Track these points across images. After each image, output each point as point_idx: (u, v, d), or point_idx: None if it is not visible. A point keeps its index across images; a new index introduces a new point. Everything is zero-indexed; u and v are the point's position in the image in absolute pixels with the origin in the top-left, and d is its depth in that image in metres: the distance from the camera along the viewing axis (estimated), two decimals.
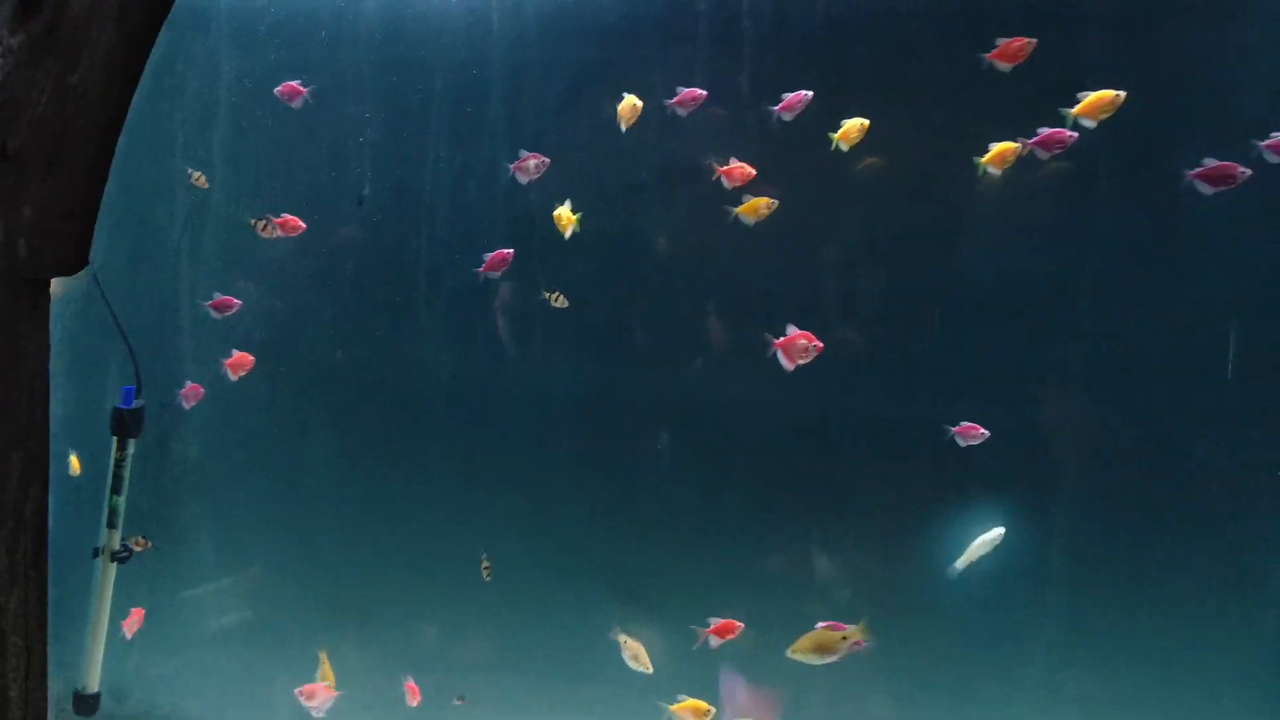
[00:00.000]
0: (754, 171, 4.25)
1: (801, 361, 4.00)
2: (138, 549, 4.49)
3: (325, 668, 4.37)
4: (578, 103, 4.72)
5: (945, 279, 4.44)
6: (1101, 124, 3.86)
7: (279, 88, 4.69)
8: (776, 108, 4.24)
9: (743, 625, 4.17)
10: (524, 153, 4.45)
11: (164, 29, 1.95)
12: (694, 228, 4.63)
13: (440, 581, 4.85)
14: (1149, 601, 4.27)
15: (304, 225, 4.56)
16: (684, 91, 4.25)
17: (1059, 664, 4.36)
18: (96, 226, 1.97)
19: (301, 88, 4.69)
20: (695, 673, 4.38)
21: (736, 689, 4.44)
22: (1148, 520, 4.28)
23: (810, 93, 4.16)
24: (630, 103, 4.31)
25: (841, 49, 4.45)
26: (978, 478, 4.38)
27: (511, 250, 4.45)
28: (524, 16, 4.73)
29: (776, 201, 4.19)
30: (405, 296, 4.88)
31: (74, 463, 4.78)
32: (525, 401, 4.84)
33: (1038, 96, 4.07)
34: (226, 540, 5.08)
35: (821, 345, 4.00)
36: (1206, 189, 3.71)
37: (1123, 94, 3.74)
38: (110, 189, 1.93)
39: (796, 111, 4.18)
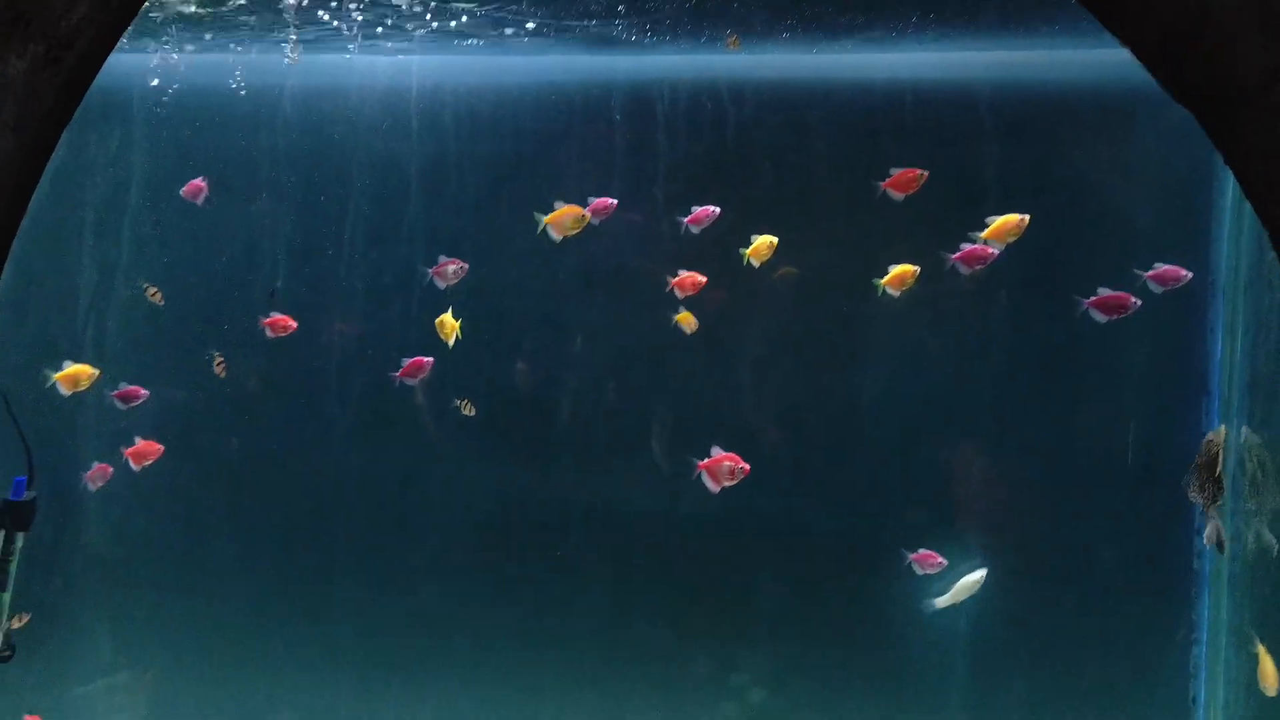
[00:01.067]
0: (704, 279, 4.28)
1: (728, 484, 3.98)
2: (16, 625, 4.30)
3: None
4: (497, 201, 4.77)
5: (849, 388, 4.55)
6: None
7: (185, 188, 4.66)
8: (686, 219, 4.33)
9: None
10: (443, 258, 4.45)
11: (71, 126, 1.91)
12: (614, 329, 4.68)
13: (344, 687, 4.74)
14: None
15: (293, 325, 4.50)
16: (596, 201, 4.30)
17: None
18: None
19: (202, 183, 4.65)
20: None
21: None
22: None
23: (717, 209, 4.26)
24: (568, 212, 4.28)
25: (749, 166, 4.58)
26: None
27: (430, 359, 4.41)
28: (442, 115, 4.79)
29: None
30: (316, 393, 4.83)
31: None
32: (436, 503, 4.80)
33: (941, 214, 4.23)
34: (123, 635, 4.91)
35: (749, 467, 3.96)
36: (1100, 317, 3.83)
37: (1027, 217, 3.88)
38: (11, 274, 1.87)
39: (704, 225, 4.27)
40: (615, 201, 4.26)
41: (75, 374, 4.50)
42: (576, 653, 4.60)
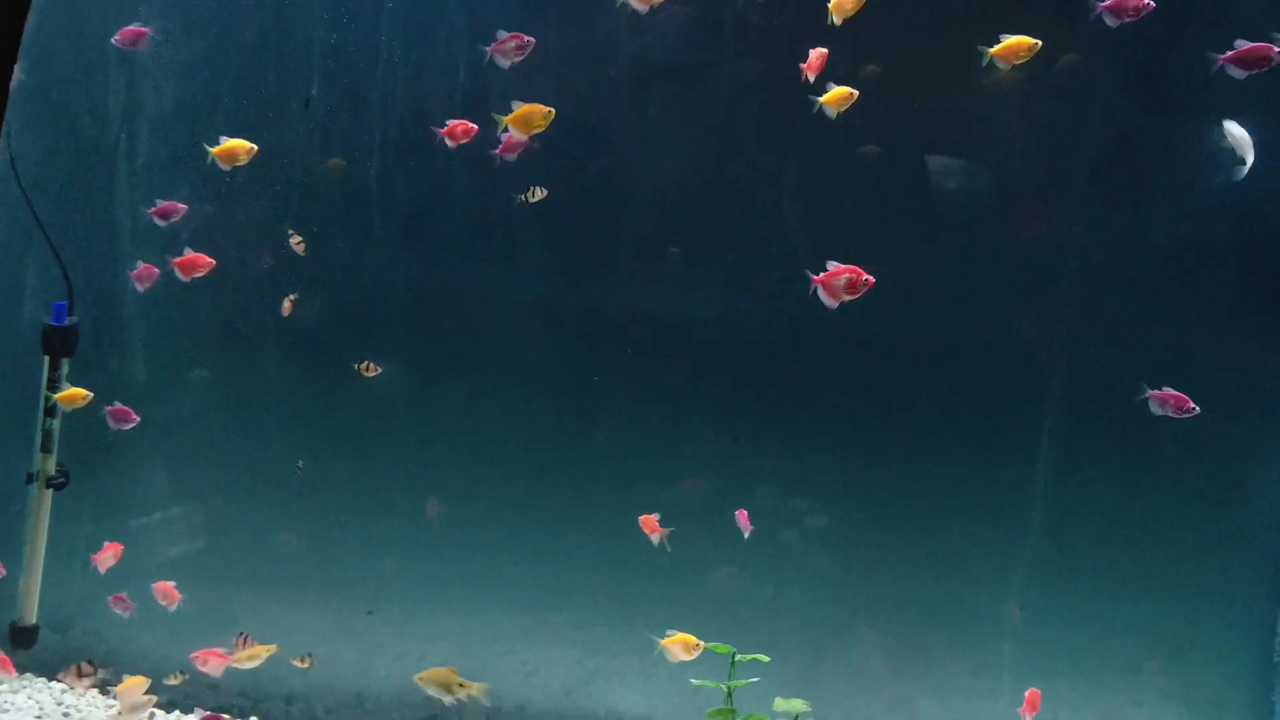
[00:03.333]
0: (825, 52, 3.88)
1: (849, 299, 3.63)
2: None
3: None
4: None
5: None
6: None
7: (118, 35, 4.38)
8: None
9: None
10: (502, 33, 4.11)
11: None
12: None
13: (399, 514, 4.64)
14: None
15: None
16: None
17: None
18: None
19: (144, 29, 4.38)
20: None
21: None
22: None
23: None
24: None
25: None
26: None
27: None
28: None
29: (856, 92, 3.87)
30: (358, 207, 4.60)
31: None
32: (496, 316, 4.60)
33: None
34: (177, 467, 4.84)
35: (873, 280, 3.59)
36: (1239, 73, 3.52)
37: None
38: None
39: None
40: None
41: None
42: (626, 475, 4.43)
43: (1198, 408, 3.69)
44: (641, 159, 4.45)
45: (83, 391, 4.36)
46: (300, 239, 4.40)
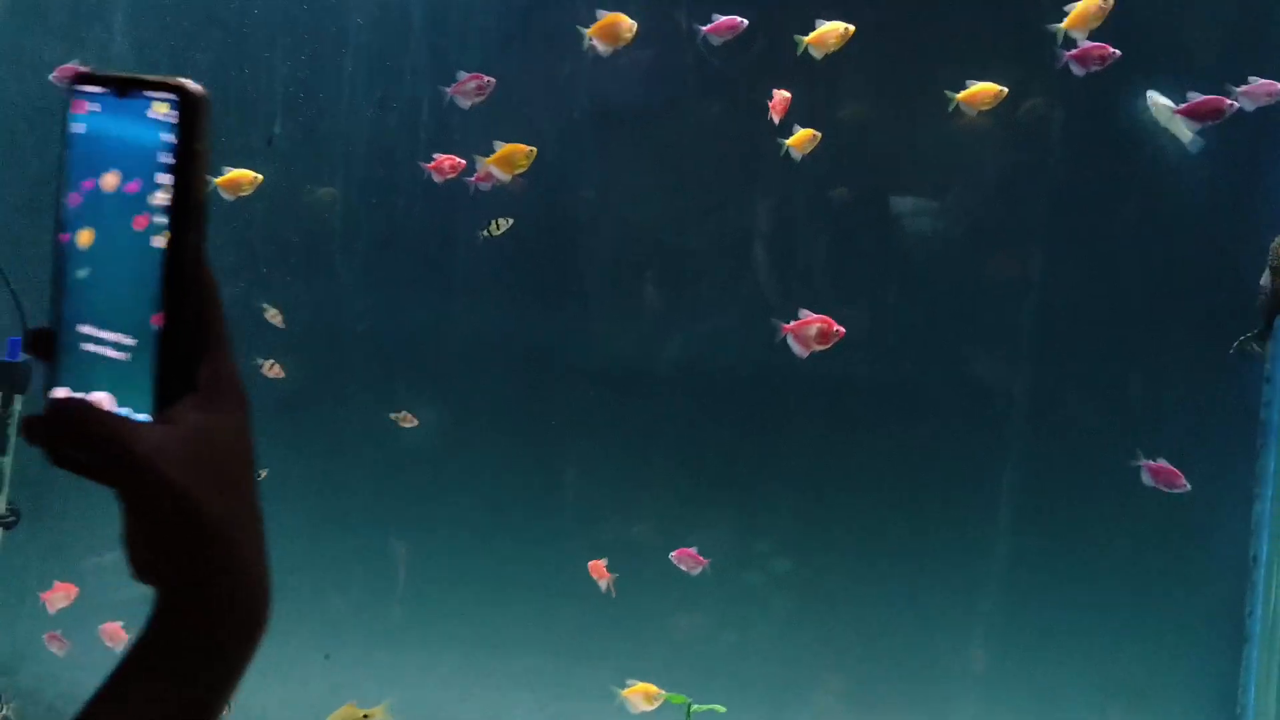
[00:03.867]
0: (789, 95, 3.88)
1: (819, 349, 3.64)
2: None
3: None
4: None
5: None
6: None
7: (56, 73, 4.31)
8: (704, 29, 3.93)
9: None
10: (462, 73, 4.09)
11: None
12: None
13: (356, 555, 4.57)
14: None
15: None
16: (721, 19, 3.88)
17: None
18: None
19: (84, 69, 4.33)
20: None
21: None
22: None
23: (744, 20, 3.86)
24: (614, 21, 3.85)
25: None
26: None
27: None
28: None
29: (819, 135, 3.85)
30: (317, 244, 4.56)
31: None
32: (456, 355, 4.56)
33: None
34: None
35: (843, 330, 3.63)
36: (1193, 125, 3.59)
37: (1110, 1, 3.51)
38: None
39: (725, 38, 3.89)
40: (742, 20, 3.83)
41: None
42: (589, 515, 4.39)
43: (1189, 485, 3.70)
44: (605, 199, 4.44)
45: None
46: (277, 311, 4.35)
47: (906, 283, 4.27)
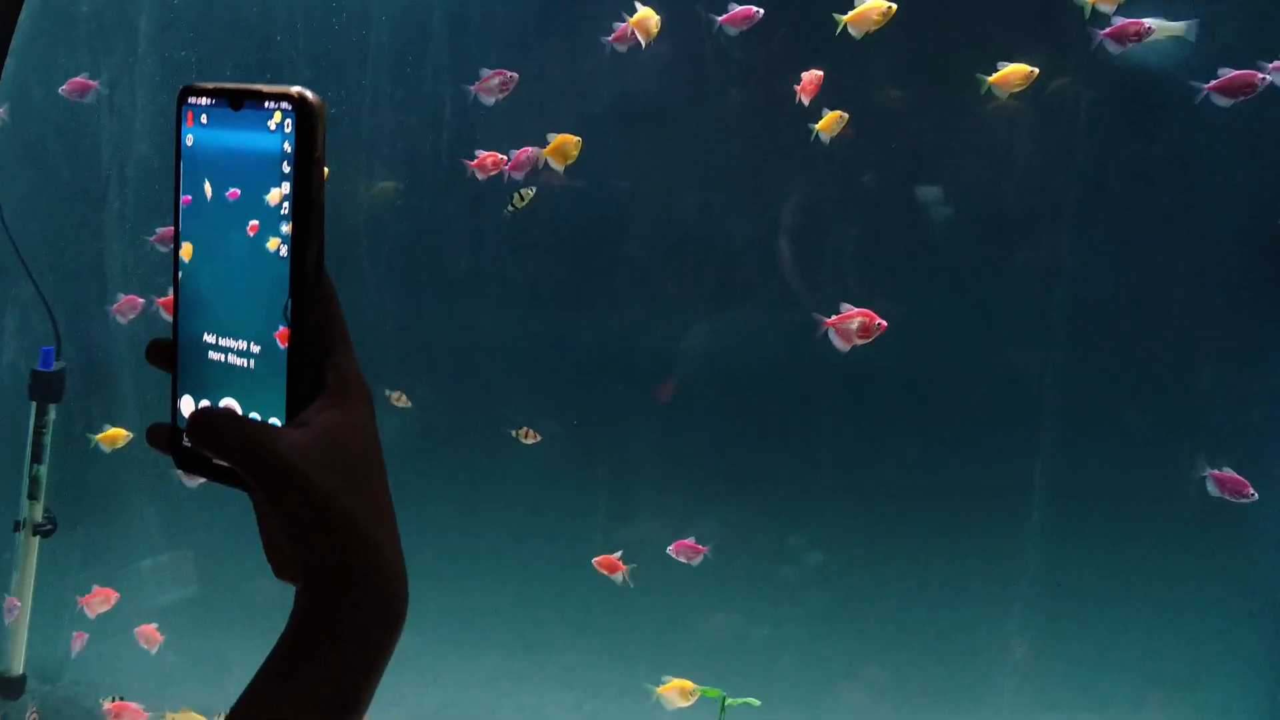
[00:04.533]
0: (821, 74, 3.82)
1: (861, 342, 3.61)
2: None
3: None
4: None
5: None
6: None
7: (65, 86, 4.35)
8: (720, 18, 3.90)
9: None
10: (485, 71, 4.07)
11: None
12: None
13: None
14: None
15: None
16: (737, 9, 3.83)
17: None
18: None
19: (92, 81, 4.37)
20: None
21: None
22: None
23: (759, 10, 3.84)
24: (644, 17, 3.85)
25: None
26: None
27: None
28: None
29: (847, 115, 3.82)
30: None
31: None
32: (473, 356, 4.56)
33: None
34: (166, 512, 4.78)
35: (885, 324, 3.60)
36: (1223, 101, 3.50)
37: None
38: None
39: (741, 28, 3.86)
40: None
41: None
42: (621, 513, 4.38)
43: (1256, 494, 3.65)
44: (630, 194, 4.42)
45: (123, 432, 4.33)
46: (401, 394, 4.31)
47: (935, 270, 4.24)
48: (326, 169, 0.89)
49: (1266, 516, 3.88)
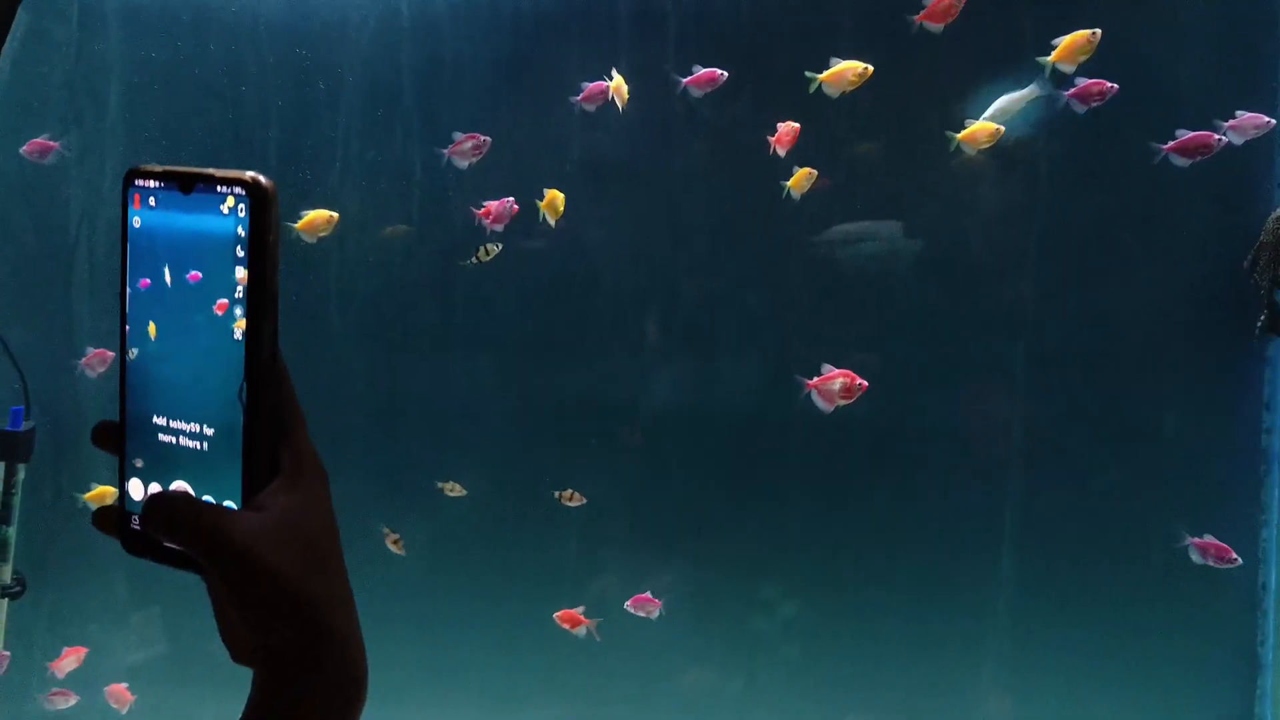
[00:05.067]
0: (797, 126, 3.89)
1: (844, 403, 3.67)
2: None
3: None
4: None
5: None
6: None
7: (26, 147, 4.39)
8: (685, 80, 3.98)
9: None
10: (458, 135, 4.12)
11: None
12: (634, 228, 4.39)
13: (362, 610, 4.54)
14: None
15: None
16: (701, 72, 3.92)
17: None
18: None
19: (52, 143, 4.41)
20: None
21: None
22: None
23: (724, 73, 3.92)
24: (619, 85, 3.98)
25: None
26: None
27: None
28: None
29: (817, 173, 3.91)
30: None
31: None
32: (445, 411, 4.56)
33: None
34: (134, 571, 4.75)
35: (866, 384, 3.68)
36: (1181, 161, 3.60)
37: (1098, 32, 3.54)
38: None
39: (705, 90, 3.93)
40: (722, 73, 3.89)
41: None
42: (593, 568, 4.37)
43: (1240, 559, 3.75)
44: (601, 253, 4.46)
45: (111, 489, 4.30)
46: (398, 537, 4.35)
47: (901, 324, 4.28)
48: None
49: (1239, 569, 3.91)
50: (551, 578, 4.38)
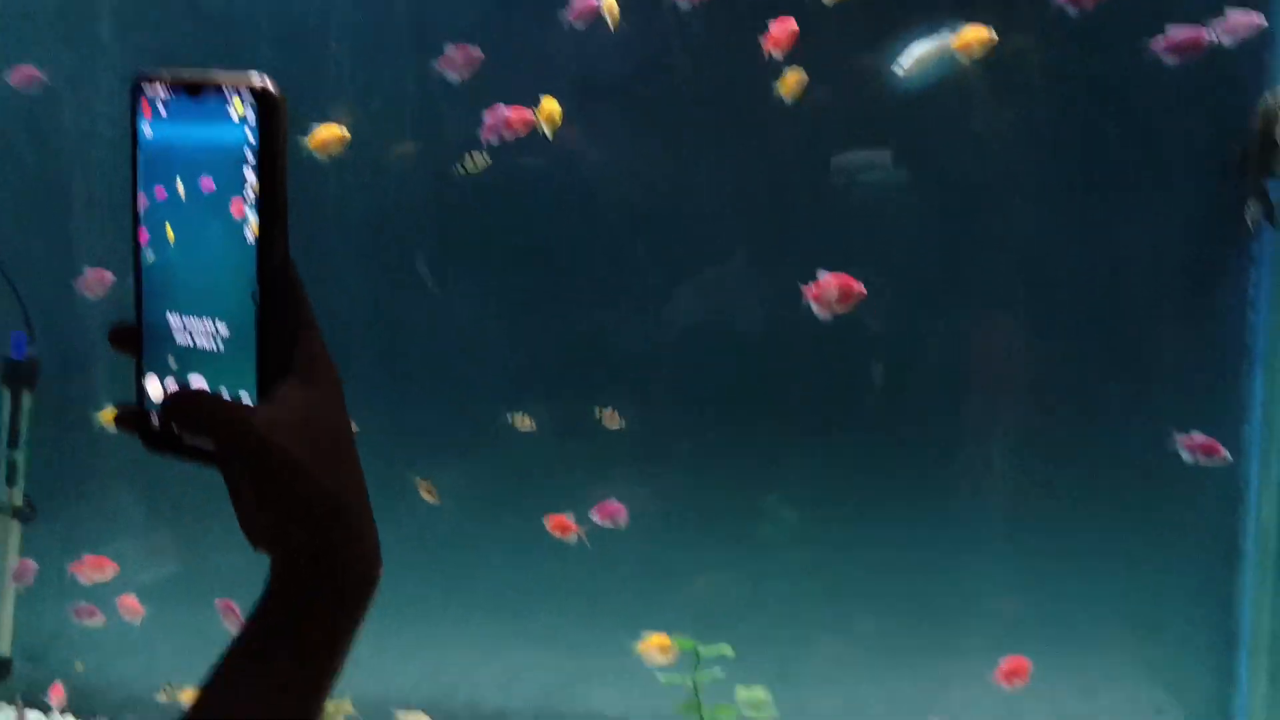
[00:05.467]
0: (795, 26, 3.75)
1: (840, 311, 3.62)
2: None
3: None
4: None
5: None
6: None
7: (12, 75, 4.30)
8: None
9: None
10: (449, 46, 4.02)
11: None
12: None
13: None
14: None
15: None
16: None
17: None
18: None
19: (37, 71, 4.31)
20: None
21: None
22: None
23: None
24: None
25: None
26: None
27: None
28: None
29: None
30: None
31: None
32: (462, 329, 4.59)
33: None
34: (146, 491, 4.81)
35: (865, 291, 3.61)
36: (1171, 60, 3.56)
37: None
38: None
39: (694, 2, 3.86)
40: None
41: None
42: (600, 476, 4.45)
43: (1230, 457, 3.79)
44: (598, 173, 4.45)
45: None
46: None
47: (904, 241, 4.31)
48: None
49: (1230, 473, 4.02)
50: (563, 484, 4.44)
